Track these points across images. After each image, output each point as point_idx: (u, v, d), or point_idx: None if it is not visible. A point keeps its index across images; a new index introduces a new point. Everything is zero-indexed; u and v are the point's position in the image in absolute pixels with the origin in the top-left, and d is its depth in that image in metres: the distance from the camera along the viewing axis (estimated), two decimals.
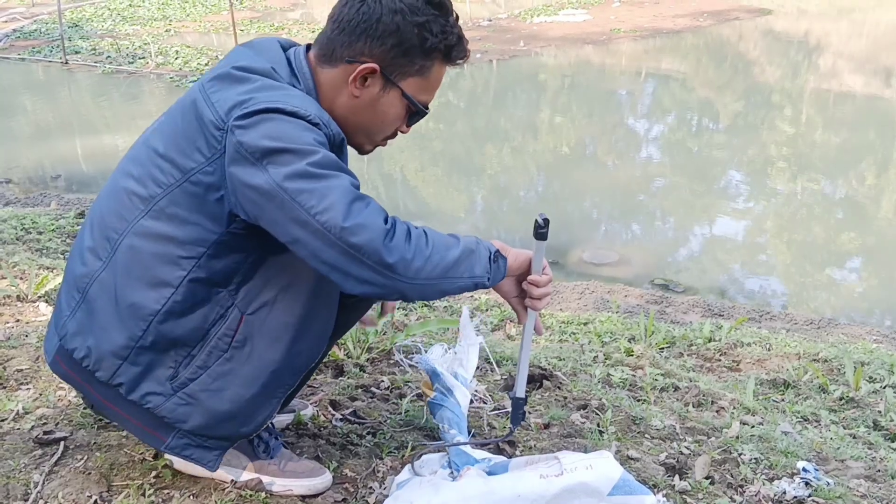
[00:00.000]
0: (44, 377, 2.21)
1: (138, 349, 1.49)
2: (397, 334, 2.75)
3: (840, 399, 2.90)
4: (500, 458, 1.81)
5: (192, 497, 1.68)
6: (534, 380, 2.47)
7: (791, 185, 8.03)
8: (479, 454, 1.80)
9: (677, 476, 1.93)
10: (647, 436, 2.16)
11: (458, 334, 2.10)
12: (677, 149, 9.45)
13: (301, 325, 1.53)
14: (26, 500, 1.64)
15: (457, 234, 1.51)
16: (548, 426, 2.15)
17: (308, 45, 1.61)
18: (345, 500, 1.73)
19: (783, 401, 2.85)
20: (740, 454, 2.08)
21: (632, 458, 1.98)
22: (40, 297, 2.97)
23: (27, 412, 2.00)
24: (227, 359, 1.51)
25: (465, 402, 1.90)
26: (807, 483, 1.93)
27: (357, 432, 2.00)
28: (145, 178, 1.51)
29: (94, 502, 1.64)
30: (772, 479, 1.96)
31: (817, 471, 2.00)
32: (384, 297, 1.45)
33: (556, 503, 1.58)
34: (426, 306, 3.71)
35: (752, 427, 2.34)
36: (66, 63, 12.37)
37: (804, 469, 1.99)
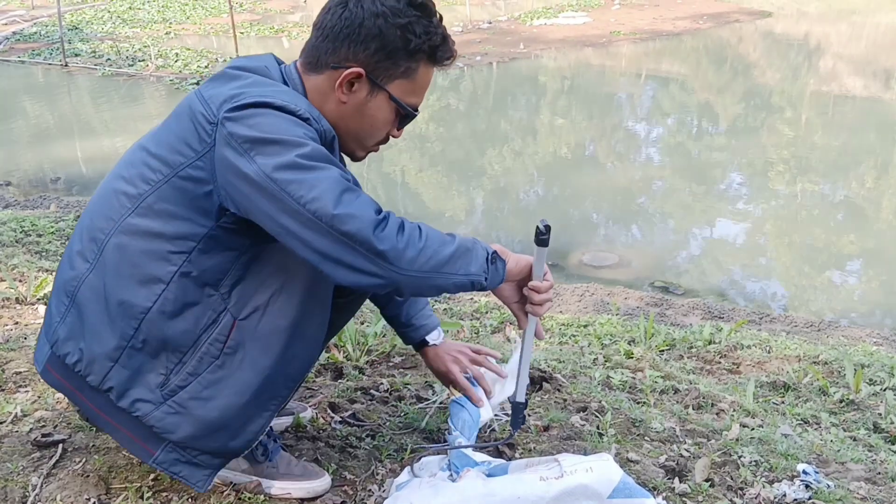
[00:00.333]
0: (42, 380, 2.20)
1: (130, 350, 1.48)
2: (396, 337, 2.74)
3: (840, 401, 2.90)
4: (499, 461, 1.80)
5: (190, 500, 1.68)
6: (533, 382, 2.47)
7: (791, 187, 8.04)
8: (479, 457, 1.80)
9: (677, 478, 1.92)
10: (646, 438, 2.16)
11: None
12: (677, 151, 9.45)
13: (294, 330, 1.52)
14: (24, 502, 1.64)
15: (454, 234, 1.50)
16: (547, 428, 2.15)
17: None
18: (344, 502, 1.73)
19: (783, 403, 2.85)
20: (740, 457, 2.08)
21: (631, 461, 1.98)
22: (39, 299, 2.97)
23: (25, 415, 2.00)
24: (218, 366, 1.49)
25: (486, 416, 1.91)
26: (807, 485, 1.92)
27: (356, 435, 2.00)
28: (135, 177, 1.50)
29: None
30: (772, 482, 1.95)
31: (817, 473, 1.99)
32: (377, 288, 1.42)
33: None
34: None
35: (752, 429, 2.33)
36: (66, 66, 12.38)
37: (804, 471, 1.98)
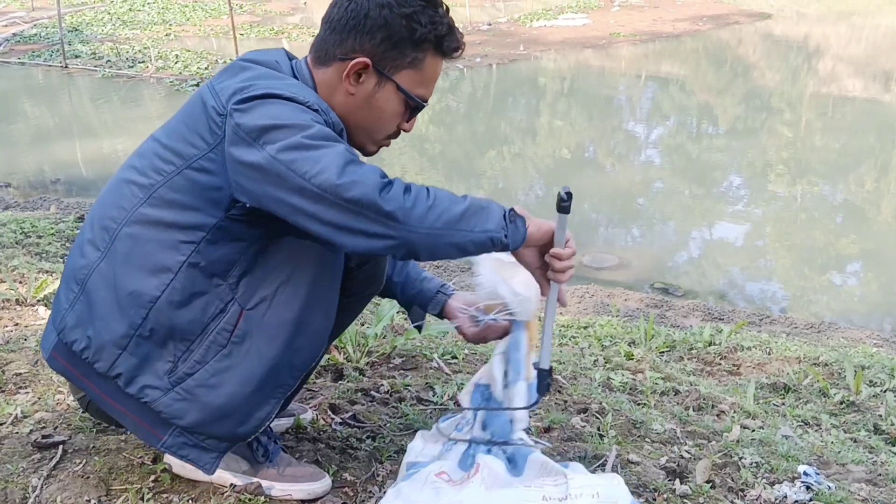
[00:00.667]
0: (42, 381, 2.21)
1: (138, 338, 1.49)
2: (397, 338, 2.74)
3: (840, 403, 2.90)
4: (520, 445, 1.69)
5: (190, 501, 1.68)
6: None
7: (791, 188, 8.04)
8: (502, 427, 1.69)
9: (678, 480, 1.92)
10: (647, 440, 2.16)
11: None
12: (677, 152, 9.46)
13: (300, 321, 1.53)
14: None
15: (467, 195, 1.48)
16: (548, 430, 2.15)
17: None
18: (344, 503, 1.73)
19: (784, 405, 2.85)
20: (741, 458, 2.08)
21: (632, 462, 1.98)
22: (39, 300, 2.97)
23: (26, 416, 2.00)
24: (225, 354, 1.51)
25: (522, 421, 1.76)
26: (808, 487, 1.92)
27: (356, 436, 1.99)
28: (147, 168, 1.53)
29: None
30: (772, 483, 1.95)
31: (818, 475, 1.99)
32: (392, 250, 1.41)
33: None
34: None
35: (753, 431, 2.33)
36: (66, 67, 12.37)
37: (805, 473, 1.98)
